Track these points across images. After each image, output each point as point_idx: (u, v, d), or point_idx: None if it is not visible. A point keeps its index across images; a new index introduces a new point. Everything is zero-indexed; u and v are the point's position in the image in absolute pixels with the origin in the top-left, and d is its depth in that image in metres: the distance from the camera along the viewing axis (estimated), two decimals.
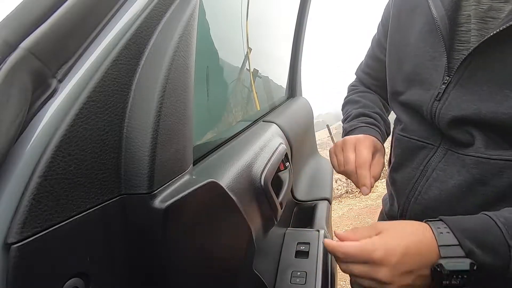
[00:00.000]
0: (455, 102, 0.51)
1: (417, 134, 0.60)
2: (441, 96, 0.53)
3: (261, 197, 0.57)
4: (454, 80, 0.52)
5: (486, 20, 0.48)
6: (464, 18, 0.51)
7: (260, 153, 0.63)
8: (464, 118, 0.51)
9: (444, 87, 0.53)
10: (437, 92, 0.54)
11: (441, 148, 0.56)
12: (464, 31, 0.51)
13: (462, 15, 0.52)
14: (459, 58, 0.51)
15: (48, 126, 0.24)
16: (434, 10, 0.53)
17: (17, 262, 0.21)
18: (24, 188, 0.22)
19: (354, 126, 0.73)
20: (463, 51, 0.51)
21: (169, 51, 0.33)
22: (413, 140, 0.60)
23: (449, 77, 0.52)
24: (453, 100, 0.52)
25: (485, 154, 0.50)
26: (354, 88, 0.87)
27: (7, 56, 0.22)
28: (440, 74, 0.53)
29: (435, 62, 0.54)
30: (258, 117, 0.92)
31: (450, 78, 0.52)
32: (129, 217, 0.30)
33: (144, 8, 0.32)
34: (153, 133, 0.30)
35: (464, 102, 0.50)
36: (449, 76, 0.52)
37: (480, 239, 0.42)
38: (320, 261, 0.70)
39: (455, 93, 0.52)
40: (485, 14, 0.48)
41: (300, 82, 1.44)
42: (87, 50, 0.27)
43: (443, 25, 0.52)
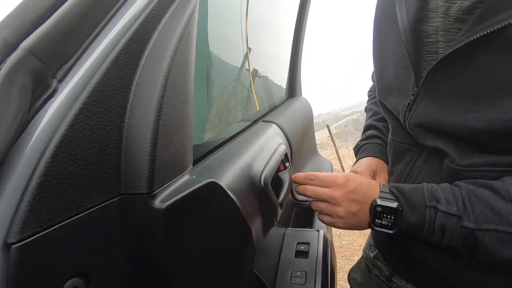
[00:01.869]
0: (422, 113, 0.53)
1: (403, 138, 0.62)
2: (411, 106, 0.55)
3: (261, 197, 0.57)
4: (422, 91, 0.53)
5: (452, 32, 0.48)
6: (432, 30, 0.51)
7: (260, 153, 0.63)
8: (431, 128, 0.53)
9: (413, 98, 0.54)
10: (407, 102, 0.55)
11: (425, 152, 0.58)
12: (433, 42, 0.51)
13: (430, 27, 0.51)
14: (427, 68, 0.51)
15: (48, 126, 0.24)
16: (400, 22, 0.53)
17: (17, 262, 0.21)
18: (24, 188, 0.22)
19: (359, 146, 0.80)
20: (432, 61, 0.51)
21: (169, 51, 0.33)
22: (400, 143, 0.63)
23: (417, 88, 0.53)
24: (421, 110, 0.53)
25: (459, 166, 0.51)
26: (370, 94, 0.89)
27: (7, 56, 0.22)
28: (410, 85, 0.54)
29: (406, 72, 0.55)
30: (258, 117, 0.92)
31: (418, 89, 0.53)
32: (129, 217, 0.30)
33: (144, 8, 0.32)
34: (153, 133, 0.30)
35: (430, 114, 0.52)
36: (417, 87, 0.53)
37: (407, 196, 0.52)
38: (320, 261, 0.70)
39: (422, 104, 0.53)
40: (452, 25, 0.48)
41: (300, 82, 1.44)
42: (87, 50, 0.27)
43: (406, 37, 0.52)
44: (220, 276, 0.43)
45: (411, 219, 0.50)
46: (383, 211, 0.52)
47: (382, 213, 0.52)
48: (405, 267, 0.67)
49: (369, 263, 0.79)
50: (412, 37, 0.52)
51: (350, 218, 0.55)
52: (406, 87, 0.56)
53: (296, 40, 1.33)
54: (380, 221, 0.53)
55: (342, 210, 0.54)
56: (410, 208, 0.51)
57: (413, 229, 0.51)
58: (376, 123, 0.80)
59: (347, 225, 0.56)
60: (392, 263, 0.70)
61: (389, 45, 0.59)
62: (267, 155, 0.65)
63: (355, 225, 0.56)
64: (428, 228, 0.49)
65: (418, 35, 0.52)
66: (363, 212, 0.54)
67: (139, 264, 0.31)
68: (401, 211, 0.51)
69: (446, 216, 0.48)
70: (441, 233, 0.49)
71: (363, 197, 0.54)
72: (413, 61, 0.53)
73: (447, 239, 0.49)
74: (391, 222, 0.52)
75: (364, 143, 0.79)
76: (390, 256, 0.71)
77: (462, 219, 0.47)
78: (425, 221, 0.49)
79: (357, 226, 0.56)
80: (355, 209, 0.54)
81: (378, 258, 0.75)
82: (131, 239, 0.30)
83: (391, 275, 0.70)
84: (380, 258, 0.74)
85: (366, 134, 0.81)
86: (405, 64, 0.55)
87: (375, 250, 0.77)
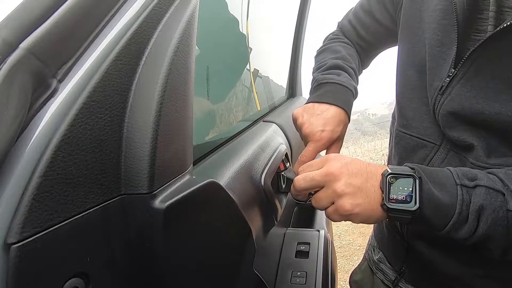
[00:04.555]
0: (458, 98, 0.47)
1: (418, 131, 0.56)
2: (444, 90, 0.49)
3: (261, 197, 0.57)
4: (460, 73, 0.47)
5: (502, 10, 0.43)
6: (486, 4, 0.45)
7: (260, 153, 0.63)
8: (465, 117, 0.47)
9: (448, 80, 0.48)
10: (440, 85, 0.49)
11: (443, 147, 0.53)
12: (484, 19, 0.45)
13: (483, 2, 0.45)
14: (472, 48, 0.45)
15: (48, 126, 0.24)
16: None
17: (17, 262, 0.21)
18: (24, 188, 0.22)
19: (327, 80, 0.65)
20: (479, 41, 0.44)
21: (169, 51, 0.33)
22: (413, 137, 0.57)
23: (455, 70, 0.47)
24: (456, 95, 0.47)
25: (485, 164, 0.46)
26: (335, 37, 0.78)
27: (7, 56, 0.22)
28: (447, 65, 0.48)
29: (443, 50, 0.49)
30: (258, 117, 0.92)
31: (456, 71, 0.47)
32: (129, 217, 0.30)
33: (144, 8, 0.32)
34: (153, 133, 0.30)
35: (467, 99, 0.46)
36: (455, 68, 0.47)
37: (428, 172, 0.43)
38: (320, 261, 0.70)
39: (459, 88, 0.47)
40: (503, 3, 0.43)
41: (300, 82, 1.44)
42: (87, 50, 0.27)
43: (460, 8, 0.46)
44: (221, 276, 0.43)
45: (440, 196, 0.41)
46: (398, 182, 0.42)
47: (397, 185, 0.42)
48: (412, 270, 0.64)
49: (373, 266, 0.76)
50: (465, 9, 0.45)
51: (356, 196, 0.44)
52: (441, 67, 0.49)
53: (296, 40, 1.33)
54: (396, 196, 0.42)
55: (342, 183, 0.44)
56: (435, 185, 0.42)
57: (440, 212, 0.41)
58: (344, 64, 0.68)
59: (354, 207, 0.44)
60: (398, 266, 0.67)
61: (425, 14, 0.52)
62: (268, 155, 0.65)
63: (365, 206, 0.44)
64: (460, 212, 0.40)
65: (472, 8, 0.46)
66: (370, 187, 0.44)
67: (139, 264, 0.31)
68: (420, 180, 0.42)
69: (488, 192, 0.39)
70: (476, 220, 0.39)
71: (364, 169, 0.45)
72: (460, 38, 0.46)
73: (482, 229, 0.39)
74: (410, 196, 0.41)
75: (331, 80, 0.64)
76: (395, 258, 0.68)
77: (507, 200, 0.39)
78: (456, 201, 0.40)
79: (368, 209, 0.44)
80: (358, 182, 0.44)
81: (382, 261, 0.73)
82: (131, 239, 0.30)
83: (397, 280, 0.67)
84: (384, 261, 0.72)
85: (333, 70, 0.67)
86: (446, 41, 0.48)
87: (379, 252, 0.74)
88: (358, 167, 0.45)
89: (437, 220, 0.42)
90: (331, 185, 0.45)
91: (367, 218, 0.45)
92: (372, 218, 0.45)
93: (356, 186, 0.44)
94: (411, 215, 0.42)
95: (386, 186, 0.43)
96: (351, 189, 0.44)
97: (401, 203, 0.42)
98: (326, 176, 0.46)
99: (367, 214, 0.44)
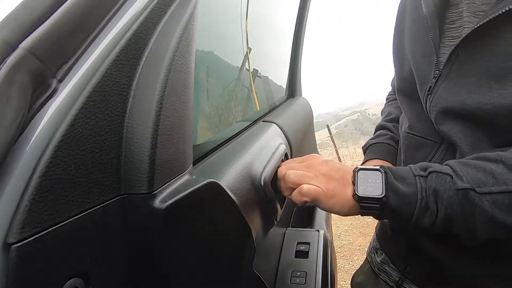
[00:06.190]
0: (444, 94, 0.53)
1: (420, 131, 0.61)
2: (432, 89, 0.55)
3: (261, 197, 0.57)
4: (444, 73, 0.53)
5: (477, 14, 0.49)
6: (456, 16, 0.53)
7: (260, 153, 0.63)
8: (451, 110, 0.52)
9: (434, 80, 0.54)
10: (428, 86, 0.55)
11: (444, 145, 0.56)
12: (456, 27, 0.53)
13: (453, 13, 0.53)
14: (447, 53, 0.52)
15: (48, 126, 0.24)
16: (425, 9, 0.55)
17: (17, 262, 0.21)
18: (24, 188, 0.22)
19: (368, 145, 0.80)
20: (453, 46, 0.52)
21: (169, 51, 0.33)
22: (416, 137, 0.61)
23: (438, 71, 0.54)
24: (442, 92, 0.53)
25: None
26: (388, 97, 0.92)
27: (7, 56, 0.22)
28: (432, 70, 0.55)
29: (426, 58, 0.56)
30: (258, 117, 0.92)
31: (440, 72, 0.53)
32: (129, 217, 0.30)
33: (144, 8, 0.32)
34: (153, 133, 0.30)
35: (452, 94, 0.51)
36: (438, 70, 0.54)
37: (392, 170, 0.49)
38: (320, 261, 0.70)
39: (444, 86, 0.53)
40: (478, 8, 0.49)
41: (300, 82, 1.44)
42: (87, 50, 0.27)
43: (432, 23, 0.54)
44: (220, 276, 0.43)
45: (401, 187, 0.46)
46: (367, 175, 0.49)
47: (366, 178, 0.48)
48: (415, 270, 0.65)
49: (376, 267, 0.77)
50: (436, 23, 0.54)
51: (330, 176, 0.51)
52: (426, 72, 0.56)
53: (296, 40, 1.33)
54: (364, 187, 0.48)
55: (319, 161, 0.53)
56: (397, 180, 0.47)
57: (405, 202, 0.45)
58: (386, 123, 0.82)
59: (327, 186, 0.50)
60: (401, 266, 0.68)
61: (409, 36, 0.61)
62: (267, 155, 0.65)
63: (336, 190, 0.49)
64: (421, 198, 0.44)
65: (442, 21, 0.54)
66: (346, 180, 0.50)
67: (139, 264, 0.31)
68: (385, 174, 0.48)
69: (437, 176, 0.45)
70: (435, 203, 0.44)
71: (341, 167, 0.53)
72: (436, 46, 0.54)
73: (441, 211, 0.44)
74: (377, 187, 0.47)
75: (372, 142, 0.79)
76: (399, 258, 0.69)
77: (454, 181, 0.43)
78: (416, 189, 0.45)
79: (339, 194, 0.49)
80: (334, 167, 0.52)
81: (385, 263, 0.73)
82: (131, 239, 0.30)
83: (401, 280, 0.68)
84: (388, 263, 0.72)
85: (376, 133, 0.83)
86: (427, 50, 0.55)
87: (382, 254, 0.75)
88: (336, 164, 0.53)
89: (403, 209, 0.46)
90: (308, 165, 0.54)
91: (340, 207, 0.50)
92: (345, 208, 0.50)
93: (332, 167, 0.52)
94: (379, 203, 0.46)
95: (357, 180, 0.49)
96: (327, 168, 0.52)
97: (370, 194, 0.47)
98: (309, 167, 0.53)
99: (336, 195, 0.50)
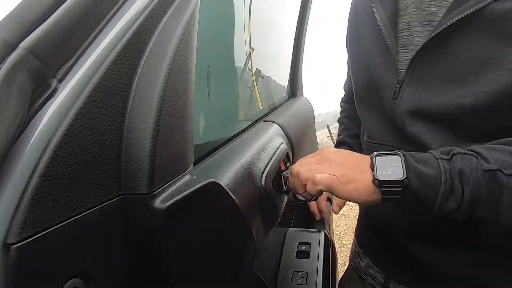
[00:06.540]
0: (409, 98, 0.55)
1: (382, 139, 0.62)
2: (397, 95, 0.57)
3: (262, 197, 0.57)
4: (406, 79, 0.55)
5: (424, 24, 0.53)
6: (404, 25, 0.56)
7: (261, 153, 0.63)
8: (418, 113, 0.53)
9: (398, 86, 0.56)
10: (393, 92, 0.57)
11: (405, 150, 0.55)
12: (405, 36, 0.56)
13: (402, 23, 0.57)
14: (403, 60, 0.56)
15: (48, 126, 0.23)
16: (379, 21, 0.58)
17: (16, 263, 0.21)
18: (24, 188, 0.22)
19: None
20: (405, 53, 0.56)
21: (170, 51, 0.33)
22: (377, 144, 0.63)
23: (401, 78, 0.56)
24: (407, 96, 0.55)
25: None
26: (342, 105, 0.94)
27: (7, 56, 0.22)
28: (394, 76, 0.57)
29: (387, 66, 0.58)
30: (259, 117, 0.92)
31: (402, 79, 0.56)
32: (129, 218, 0.30)
33: (144, 8, 0.32)
34: (154, 133, 0.30)
35: (416, 98, 0.54)
36: (400, 77, 0.56)
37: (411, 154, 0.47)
38: (321, 262, 0.70)
39: (408, 90, 0.55)
40: (424, 18, 0.53)
41: (301, 82, 1.43)
42: (87, 50, 0.27)
43: (388, 33, 0.57)
44: (221, 277, 0.43)
45: (423, 169, 0.44)
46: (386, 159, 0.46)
47: (385, 162, 0.46)
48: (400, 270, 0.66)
49: (361, 272, 0.77)
50: (391, 33, 0.57)
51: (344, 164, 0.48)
52: (389, 79, 0.58)
53: (297, 40, 1.33)
54: (384, 171, 0.45)
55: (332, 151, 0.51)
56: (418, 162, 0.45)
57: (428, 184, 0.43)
58: (349, 139, 0.85)
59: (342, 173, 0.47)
60: (386, 268, 0.69)
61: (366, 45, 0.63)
62: (268, 155, 0.65)
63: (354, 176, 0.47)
64: (445, 180, 0.43)
65: (395, 30, 0.57)
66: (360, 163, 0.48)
67: (139, 265, 0.31)
68: (405, 157, 0.46)
69: (462, 157, 0.43)
70: (460, 184, 0.42)
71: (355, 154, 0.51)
72: (394, 53, 0.56)
73: (467, 193, 0.42)
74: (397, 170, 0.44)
75: None
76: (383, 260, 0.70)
77: (481, 162, 0.42)
78: (440, 172, 0.43)
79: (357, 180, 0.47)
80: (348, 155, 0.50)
81: (370, 266, 0.74)
82: (131, 240, 0.30)
83: (386, 282, 0.69)
84: (372, 266, 0.73)
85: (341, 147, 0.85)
86: (386, 58, 0.58)
87: (365, 258, 0.76)
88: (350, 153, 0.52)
89: (426, 192, 0.44)
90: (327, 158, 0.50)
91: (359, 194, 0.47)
92: (364, 195, 0.47)
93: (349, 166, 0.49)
94: (401, 187, 0.44)
95: (375, 164, 0.47)
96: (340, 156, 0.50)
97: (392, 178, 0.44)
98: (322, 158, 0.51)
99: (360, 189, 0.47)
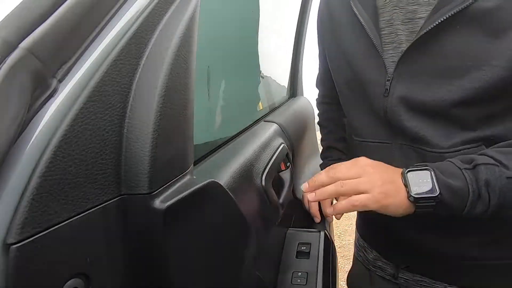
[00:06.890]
0: (400, 93, 0.55)
1: (374, 136, 0.62)
2: (388, 91, 0.57)
3: (262, 197, 0.57)
4: (396, 76, 0.56)
5: (405, 22, 0.54)
6: (384, 23, 0.57)
7: (261, 153, 0.63)
8: (411, 108, 0.54)
9: (389, 83, 0.57)
10: (383, 89, 0.57)
11: (395, 144, 0.59)
12: (386, 34, 0.57)
13: (382, 21, 0.57)
14: (389, 57, 0.57)
15: (48, 126, 0.23)
16: (361, 19, 0.58)
17: (16, 263, 0.21)
18: (24, 188, 0.22)
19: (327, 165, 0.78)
20: (389, 50, 0.57)
21: (170, 51, 0.33)
22: (369, 142, 0.63)
23: (390, 74, 0.57)
24: (399, 91, 0.55)
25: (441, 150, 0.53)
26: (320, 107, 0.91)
27: (7, 56, 0.22)
28: (382, 73, 0.57)
29: (373, 64, 0.58)
30: (259, 117, 0.92)
31: (392, 75, 0.56)
32: (129, 218, 0.30)
33: (144, 8, 0.32)
34: (154, 133, 0.30)
35: (408, 94, 0.54)
36: (389, 73, 0.57)
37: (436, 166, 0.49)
38: (321, 262, 0.70)
39: (399, 87, 0.55)
40: (404, 16, 0.54)
41: (301, 82, 1.43)
42: (87, 50, 0.27)
43: (372, 32, 0.57)
44: (221, 277, 0.43)
45: (453, 183, 0.47)
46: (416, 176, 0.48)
47: (417, 178, 0.48)
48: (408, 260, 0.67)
49: (370, 265, 0.78)
50: (375, 31, 0.57)
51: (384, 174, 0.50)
52: (378, 76, 0.58)
53: (297, 40, 1.33)
54: (417, 188, 0.48)
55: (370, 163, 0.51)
56: (446, 175, 0.47)
57: (457, 196, 0.46)
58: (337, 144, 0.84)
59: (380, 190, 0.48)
60: (394, 259, 0.70)
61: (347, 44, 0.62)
62: (268, 155, 0.65)
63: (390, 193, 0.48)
64: (473, 191, 0.46)
65: (378, 28, 0.57)
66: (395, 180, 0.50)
67: (139, 265, 0.31)
68: (434, 172, 0.48)
69: (487, 167, 0.46)
70: (487, 193, 0.45)
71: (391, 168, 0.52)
72: (380, 52, 0.57)
73: (494, 199, 0.45)
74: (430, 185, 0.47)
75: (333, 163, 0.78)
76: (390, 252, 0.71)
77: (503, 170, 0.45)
78: (467, 183, 0.46)
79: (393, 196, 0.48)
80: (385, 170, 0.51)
81: (378, 259, 0.75)
82: (131, 240, 0.30)
83: (396, 272, 0.70)
84: (380, 258, 0.74)
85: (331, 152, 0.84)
86: (372, 57, 0.58)
87: (372, 251, 0.76)
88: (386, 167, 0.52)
89: (456, 203, 0.47)
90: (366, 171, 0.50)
91: (395, 208, 0.49)
92: (400, 209, 0.49)
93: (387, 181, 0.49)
94: (435, 202, 0.47)
95: (408, 181, 0.49)
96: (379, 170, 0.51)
97: (425, 194, 0.47)
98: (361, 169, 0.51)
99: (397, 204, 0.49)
